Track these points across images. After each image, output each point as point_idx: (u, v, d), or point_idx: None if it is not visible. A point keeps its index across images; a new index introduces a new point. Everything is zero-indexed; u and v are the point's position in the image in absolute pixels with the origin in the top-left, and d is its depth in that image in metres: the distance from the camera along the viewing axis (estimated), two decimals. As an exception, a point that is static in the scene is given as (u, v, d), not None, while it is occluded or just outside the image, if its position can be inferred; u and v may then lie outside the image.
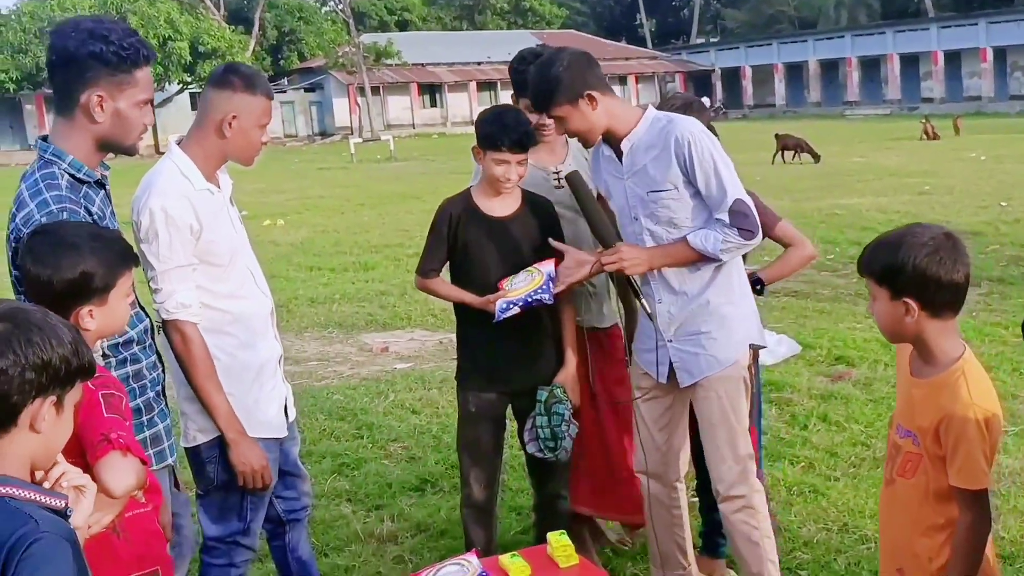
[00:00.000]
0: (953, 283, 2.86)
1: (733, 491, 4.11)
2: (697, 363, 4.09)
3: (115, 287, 2.90)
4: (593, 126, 3.98)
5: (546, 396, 4.29)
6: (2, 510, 1.97)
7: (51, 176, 3.16)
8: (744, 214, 3.89)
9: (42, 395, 2.06)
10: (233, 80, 3.62)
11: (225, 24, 57.01)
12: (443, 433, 6.94)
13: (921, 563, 2.99)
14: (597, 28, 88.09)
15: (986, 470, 2.83)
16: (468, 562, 3.42)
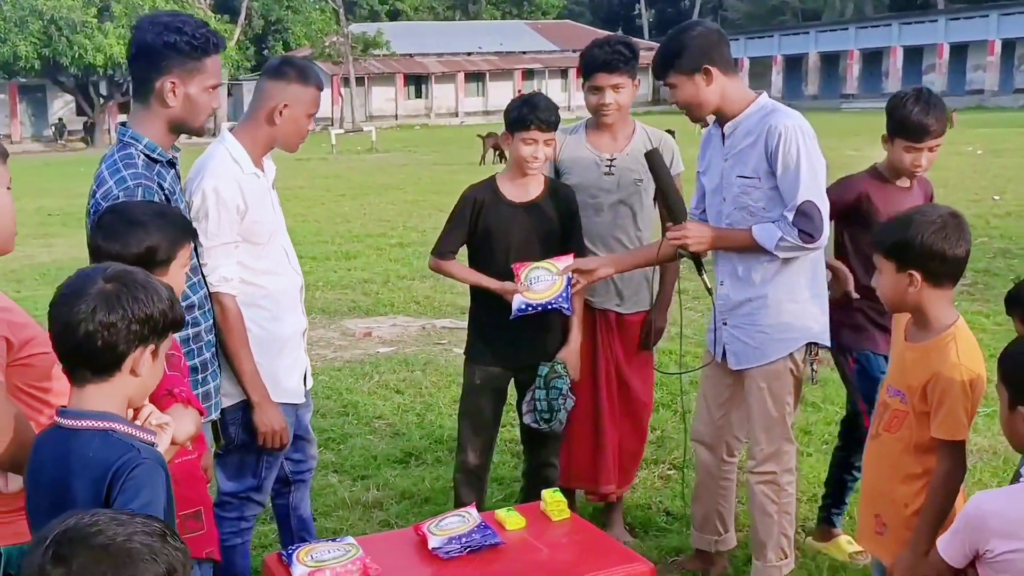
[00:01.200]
0: (956, 257, 3.19)
1: (762, 468, 4.35)
2: (745, 352, 4.31)
3: (176, 259, 3.18)
4: (703, 101, 4.17)
5: (547, 371, 4.54)
6: (106, 440, 2.33)
7: (128, 156, 3.47)
8: (809, 216, 4.02)
9: (143, 344, 2.39)
10: (288, 71, 3.94)
11: (211, 13, 56.65)
12: (427, 411, 7.15)
13: (898, 508, 3.32)
14: (594, 18, 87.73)
15: (965, 424, 3.14)
16: (468, 514, 3.61)
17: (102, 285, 2.34)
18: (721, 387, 4.50)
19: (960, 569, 2.69)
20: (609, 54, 4.70)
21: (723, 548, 4.71)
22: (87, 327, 2.30)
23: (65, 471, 2.32)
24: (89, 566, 1.72)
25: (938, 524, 3.17)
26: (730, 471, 4.66)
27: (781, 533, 4.38)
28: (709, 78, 4.10)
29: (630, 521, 5.35)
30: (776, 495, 4.35)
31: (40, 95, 57.48)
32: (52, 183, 25.95)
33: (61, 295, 2.37)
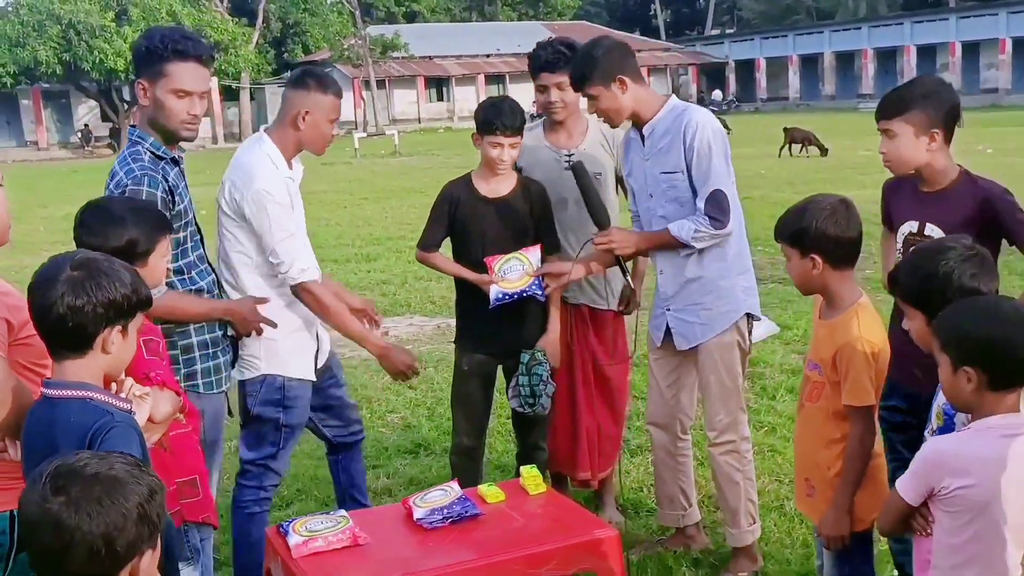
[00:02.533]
0: (849, 239, 3.52)
1: (722, 437, 4.71)
2: (692, 330, 4.66)
3: (155, 251, 3.49)
4: (620, 108, 4.52)
5: (528, 358, 4.84)
6: (85, 407, 2.64)
7: (136, 153, 3.90)
8: (718, 203, 4.43)
9: (110, 325, 2.67)
10: (308, 81, 4.32)
11: (228, 16, 56.58)
12: (437, 405, 7.46)
13: (822, 471, 3.62)
14: (611, 19, 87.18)
15: (871, 391, 3.45)
16: (451, 488, 3.90)
17: (69, 272, 2.62)
18: (668, 369, 4.83)
19: (915, 509, 2.95)
20: (551, 54, 5.02)
21: (690, 521, 5.02)
22: (58, 310, 2.60)
23: (51, 435, 2.63)
24: (86, 492, 2.06)
25: (856, 483, 3.51)
26: (685, 448, 4.98)
27: (748, 499, 4.73)
28: (624, 86, 4.46)
29: (622, 503, 5.62)
30: (739, 463, 4.71)
31: (64, 101, 57.50)
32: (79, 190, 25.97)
33: (35, 282, 2.67)
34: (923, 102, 3.84)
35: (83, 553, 2.06)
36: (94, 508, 2.05)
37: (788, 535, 5.16)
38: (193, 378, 4.06)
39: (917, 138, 3.82)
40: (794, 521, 5.27)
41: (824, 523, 3.59)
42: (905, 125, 3.84)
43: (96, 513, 2.05)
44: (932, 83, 3.93)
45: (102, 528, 2.06)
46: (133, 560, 2.13)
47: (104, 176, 4.00)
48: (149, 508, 2.12)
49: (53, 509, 2.05)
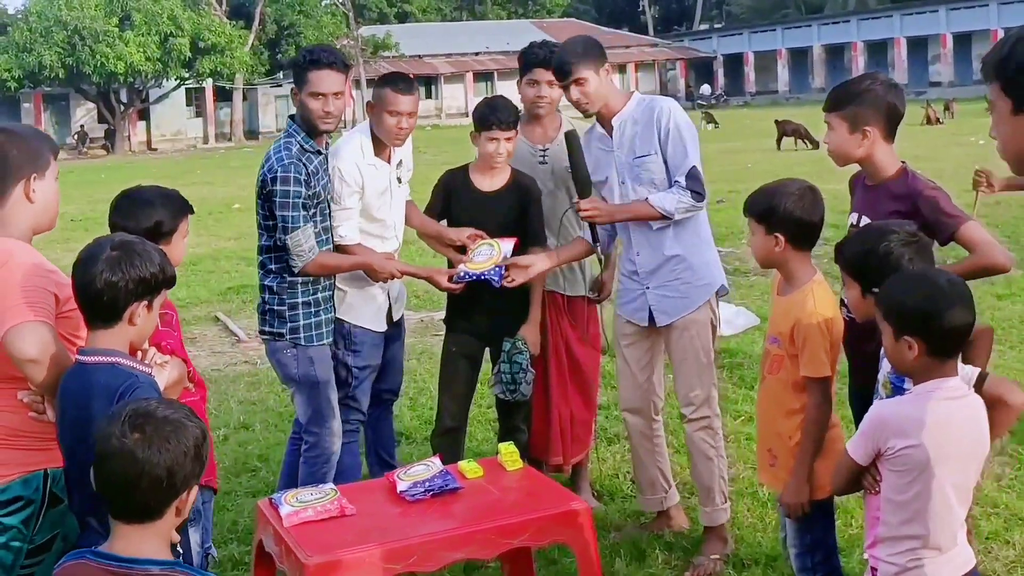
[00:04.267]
0: (812, 223, 3.77)
1: (697, 413, 4.88)
2: (674, 305, 4.85)
3: (177, 230, 3.87)
4: (605, 93, 4.79)
5: (509, 346, 5.09)
6: (113, 371, 3.01)
7: (288, 144, 4.79)
8: (697, 179, 4.68)
9: (138, 300, 3.04)
10: (380, 80, 5.05)
11: (226, 20, 56.72)
12: (419, 395, 7.67)
13: (783, 441, 3.82)
14: (599, 16, 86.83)
15: (826, 362, 3.66)
16: (432, 463, 4.11)
17: (109, 252, 3.00)
18: (641, 351, 5.00)
19: (864, 468, 3.14)
20: (548, 52, 5.24)
21: (669, 504, 5.17)
22: (96, 285, 2.98)
23: (86, 395, 2.99)
24: (157, 431, 2.46)
25: (814, 451, 3.70)
26: (659, 429, 5.14)
27: (720, 477, 4.90)
28: (608, 74, 4.78)
29: (598, 489, 5.78)
30: (712, 439, 4.89)
31: (64, 103, 57.63)
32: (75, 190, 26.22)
33: (79, 259, 3.04)
34: (857, 99, 3.95)
35: (150, 483, 2.44)
36: (164, 445, 2.45)
37: (760, 520, 5.28)
38: (296, 332, 4.85)
39: (851, 134, 3.95)
40: (766, 507, 5.38)
41: (785, 492, 3.76)
42: (840, 120, 3.97)
43: (165, 449, 2.45)
44: (871, 81, 4.04)
45: (168, 462, 2.45)
46: (183, 493, 2.52)
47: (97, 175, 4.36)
48: (202, 448, 2.55)
49: (129, 444, 2.43)
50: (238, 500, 5.90)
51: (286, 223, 4.69)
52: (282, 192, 4.67)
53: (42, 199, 3.41)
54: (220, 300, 11.99)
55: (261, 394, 8.10)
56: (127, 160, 46.10)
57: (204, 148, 54.76)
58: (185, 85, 56.14)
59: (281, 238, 4.73)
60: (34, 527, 3.25)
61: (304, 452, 4.99)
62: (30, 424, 3.24)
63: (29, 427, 3.25)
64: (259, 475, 6.32)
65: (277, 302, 4.85)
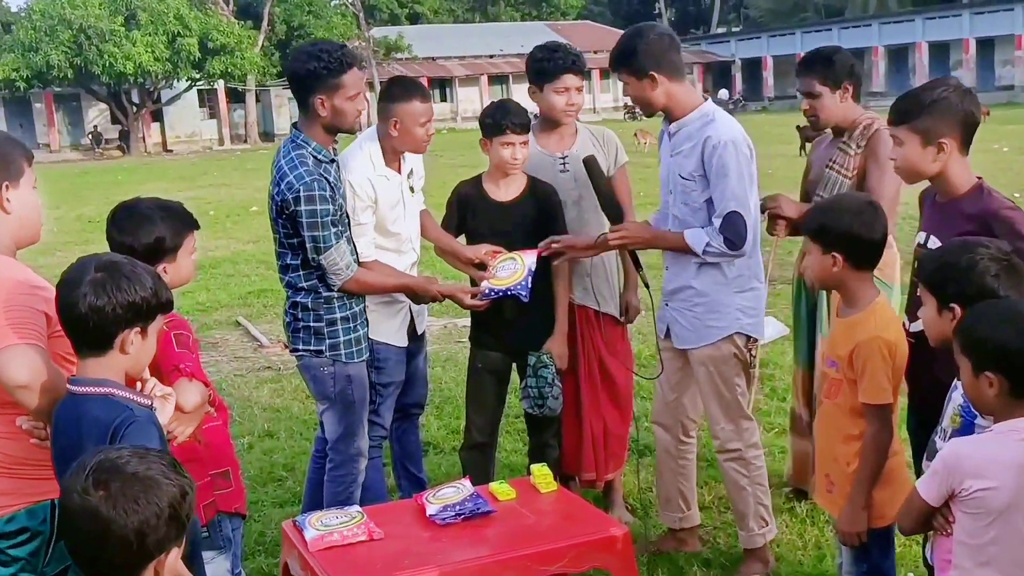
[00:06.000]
0: (873, 242, 3.54)
1: (728, 446, 4.71)
2: (684, 334, 4.66)
3: (182, 247, 3.66)
4: (649, 101, 4.52)
5: (534, 361, 4.93)
6: (108, 403, 2.77)
7: (302, 156, 4.46)
8: (734, 225, 4.37)
9: (129, 326, 2.79)
10: (394, 91, 4.78)
11: (234, 20, 56.71)
12: (445, 404, 7.50)
13: (841, 467, 3.65)
14: (614, 18, 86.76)
15: (888, 389, 3.47)
16: (463, 485, 3.95)
17: (93, 274, 2.75)
18: (672, 369, 4.82)
19: (935, 509, 2.94)
20: (574, 56, 5.04)
21: (687, 525, 5.02)
22: (80, 310, 2.74)
23: (78, 429, 2.77)
24: (124, 489, 2.17)
25: (872, 480, 3.53)
26: (688, 451, 4.98)
27: (758, 503, 4.72)
28: (654, 83, 4.43)
29: (631, 503, 5.64)
30: (745, 469, 4.70)
31: (75, 104, 57.86)
32: (91, 191, 26.34)
33: (61, 281, 2.80)
34: (930, 109, 3.63)
35: (117, 545, 2.17)
36: (131, 505, 2.17)
37: (800, 537, 5.15)
38: (336, 348, 4.64)
39: (924, 148, 3.63)
40: (805, 523, 5.27)
41: (842, 519, 3.61)
42: (911, 133, 3.65)
43: (132, 511, 2.17)
44: (944, 88, 3.69)
45: (136, 524, 2.17)
46: (161, 555, 2.24)
47: (114, 176, 4.18)
48: (180, 508, 2.23)
49: (92, 501, 2.16)
50: (264, 511, 5.76)
51: (317, 243, 4.45)
52: (308, 212, 4.38)
53: (19, 209, 3.19)
54: (241, 304, 11.88)
55: (285, 401, 7.96)
56: (143, 161, 46.21)
57: (219, 150, 54.81)
58: (197, 86, 56.19)
59: (314, 258, 4.49)
60: (44, 559, 3.07)
61: (329, 471, 4.83)
62: (33, 452, 3.06)
63: (32, 455, 3.06)
64: (285, 485, 6.19)
65: (313, 318, 4.63)
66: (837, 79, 4.98)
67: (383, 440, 5.15)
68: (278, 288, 5.01)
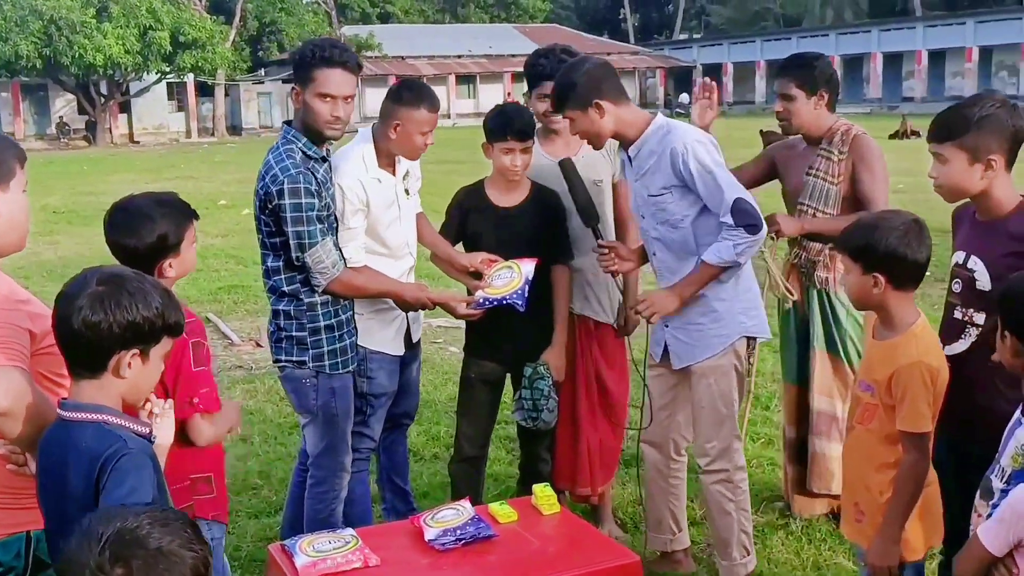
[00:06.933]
0: (917, 262, 3.34)
1: (714, 465, 4.50)
2: (685, 351, 4.47)
3: (184, 239, 3.47)
4: (599, 132, 4.35)
5: (531, 372, 4.77)
6: (98, 432, 2.49)
7: (290, 151, 4.27)
8: (745, 210, 4.19)
9: (126, 348, 2.51)
10: (403, 95, 4.56)
11: (206, 14, 56.42)
12: (423, 408, 7.18)
13: (873, 496, 3.45)
14: (580, 22, 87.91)
15: (927, 416, 3.28)
16: (463, 507, 3.73)
17: (94, 287, 2.49)
18: (665, 388, 4.66)
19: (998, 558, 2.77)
20: (556, 62, 4.86)
21: (677, 547, 4.86)
22: (73, 325, 2.46)
23: (63, 459, 2.50)
24: (147, 566, 1.94)
25: (907, 512, 3.34)
26: (679, 470, 4.81)
27: (741, 530, 4.54)
28: (600, 111, 4.27)
29: (621, 516, 5.50)
30: (732, 493, 4.51)
31: (42, 94, 57.31)
32: (57, 181, 25.92)
33: (61, 294, 2.53)
34: (978, 126, 3.44)
35: None
36: None
37: (797, 555, 5.00)
38: (321, 359, 4.41)
39: (971, 165, 3.46)
40: (801, 541, 5.13)
41: (872, 552, 3.43)
42: (958, 151, 3.47)
43: None
44: (991, 103, 3.49)
45: None
46: None
47: (79, 167, 3.92)
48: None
49: None
50: (239, 522, 5.49)
51: (302, 239, 4.21)
52: (293, 206, 4.16)
53: (7, 214, 2.92)
54: (211, 300, 11.56)
55: (258, 403, 7.69)
56: (110, 152, 45.77)
57: (187, 142, 54.41)
58: (166, 79, 55.77)
59: (298, 256, 4.25)
60: None
61: (310, 487, 4.60)
62: (9, 479, 2.80)
63: (8, 482, 2.80)
64: (260, 493, 5.94)
65: (296, 328, 4.39)
66: (815, 85, 4.97)
67: (371, 452, 4.91)
68: (248, 284, 4.80)
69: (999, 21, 60.40)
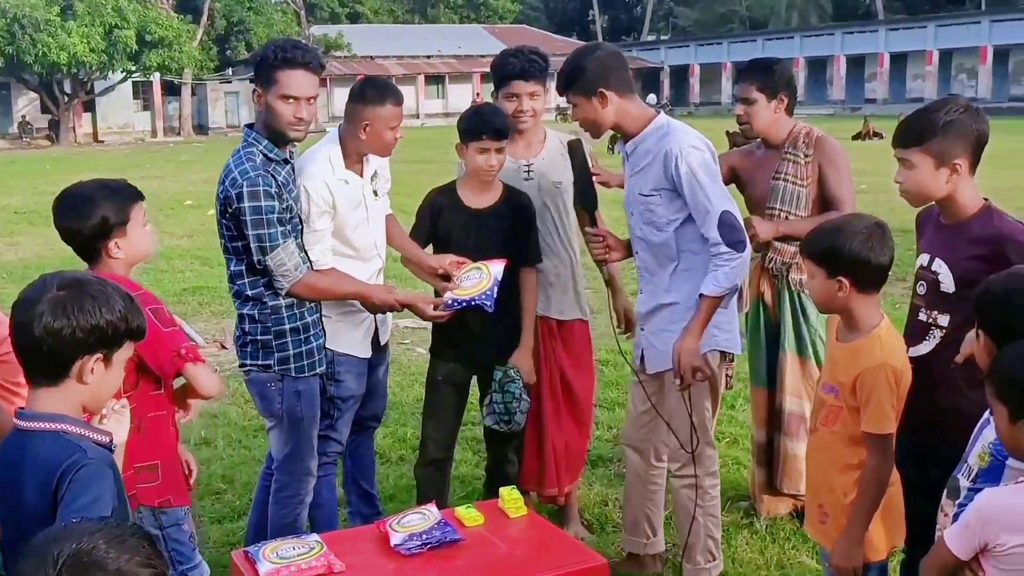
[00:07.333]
0: (881, 265, 3.37)
1: (684, 471, 4.49)
2: (658, 357, 4.45)
3: (130, 220, 3.53)
4: (599, 121, 4.30)
5: (501, 375, 4.74)
6: (57, 442, 2.43)
7: (250, 155, 4.22)
8: (732, 225, 4.13)
9: (89, 353, 2.46)
10: (367, 93, 4.50)
11: (173, 13, 56.02)
12: (392, 411, 7.18)
13: (837, 497, 3.48)
14: (549, 23, 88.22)
15: (892, 418, 3.32)
16: (429, 511, 3.70)
17: (54, 292, 2.44)
18: (646, 394, 4.62)
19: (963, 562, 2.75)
20: (525, 62, 4.86)
21: (652, 551, 4.85)
22: (34, 332, 2.41)
23: (19, 470, 2.44)
24: None
25: (871, 513, 3.36)
26: (658, 475, 4.79)
27: (707, 536, 4.53)
28: (604, 101, 4.23)
29: (587, 517, 5.48)
30: (700, 499, 4.49)
31: (4, 92, 56.67)
32: (18, 180, 25.70)
33: (19, 299, 2.49)
34: (943, 131, 3.48)
35: None
36: None
37: (761, 554, 5.01)
38: (286, 362, 4.36)
39: (937, 170, 3.49)
40: (766, 540, 5.14)
41: (836, 553, 3.44)
42: (924, 156, 3.49)
43: None
44: (955, 108, 3.53)
45: None
46: None
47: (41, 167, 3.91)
48: None
49: None
50: (202, 528, 5.42)
51: (263, 242, 4.15)
52: (252, 208, 4.10)
53: None
54: (175, 302, 11.39)
55: (223, 406, 7.59)
56: (73, 151, 45.37)
57: (152, 142, 54.06)
58: (132, 78, 55.34)
59: (260, 260, 4.18)
60: None
61: (274, 492, 4.55)
62: None
63: None
64: (224, 498, 5.87)
65: (261, 331, 4.34)
66: (775, 89, 5.01)
67: (338, 456, 4.87)
68: (214, 285, 4.74)
69: (959, 25, 61.67)
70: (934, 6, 69.56)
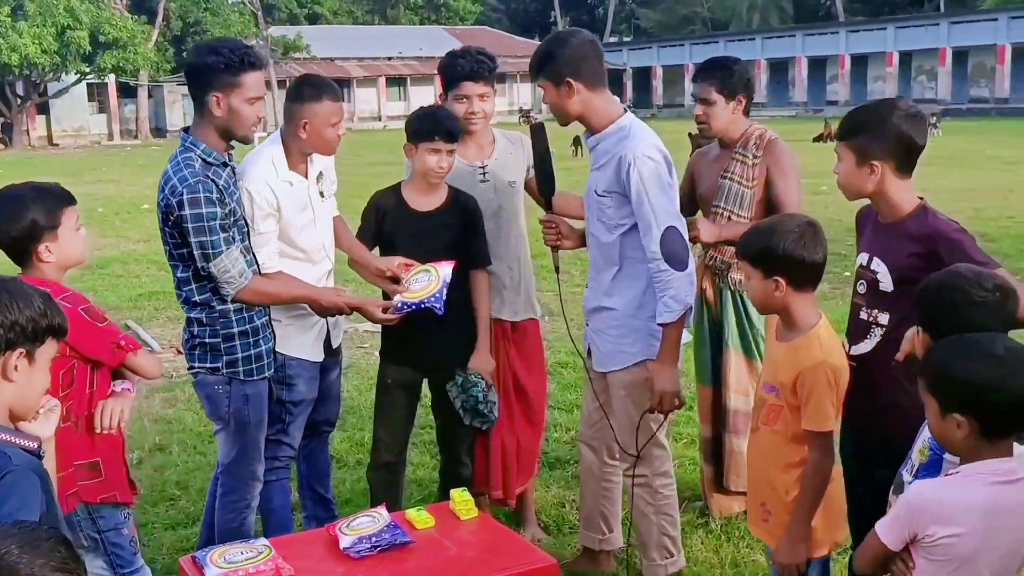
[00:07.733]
0: (815, 263, 3.41)
1: (636, 470, 4.48)
2: (601, 357, 4.48)
3: (61, 224, 3.52)
4: (565, 110, 4.27)
5: (462, 380, 4.73)
6: None
7: (188, 160, 4.14)
8: (674, 242, 4.10)
9: (11, 348, 2.47)
10: (303, 91, 4.48)
11: (127, 13, 55.54)
12: (348, 414, 7.18)
13: (779, 495, 3.51)
14: (511, 25, 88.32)
15: (832, 416, 3.36)
16: (379, 514, 3.68)
17: None
18: (599, 389, 4.60)
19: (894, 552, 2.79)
20: (474, 63, 4.84)
21: (607, 548, 4.86)
22: None
23: None
24: None
25: (813, 510, 3.40)
26: (612, 473, 4.79)
27: (662, 533, 4.54)
28: (571, 91, 4.19)
29: (544, 519, 5.48)
30: (651, 497, 4.50)
31: (-46, 95, 56.22)
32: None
33: None
34: (868, 129, 3.54)
35: None
36: None
37: (715, 553, 5.04)
38: (235, 365, 4.32)
39: (858, 167, 3.55)
40: (720, 539, 5.17)
41: (780, 550, 3.48)
42: (848, 151, 3.58)
43: None
44: (888, 109, 3.57)
45: None
46: None
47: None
48: None
49: None
50: (155, 535, 5.40)
51: (205, 249, 4.10)
52: (194, 216, 4.05)
53: None
54: (131, 307, 11.36)
55: (178, 411, 7.56)
56: (27, 155, 44.90)
57: (109, 145, 53.59)
58: (86, 80, 54.80)
59: (203, 267, 4.15)
60: None
61: (220, 496, 4.52)
62: None
63: None
64: (178, 504, 5.84)
65: (209, 334, 4.29)
66: (733, 90, 5.02)
67: (291, 460, 4.84)
68: (170, 290, 4.71)
69: (918, 27, 62.45)
70: (893, 8, 70.23)
